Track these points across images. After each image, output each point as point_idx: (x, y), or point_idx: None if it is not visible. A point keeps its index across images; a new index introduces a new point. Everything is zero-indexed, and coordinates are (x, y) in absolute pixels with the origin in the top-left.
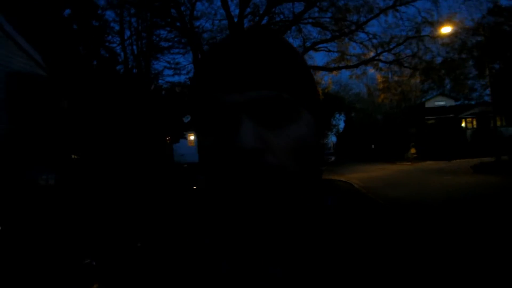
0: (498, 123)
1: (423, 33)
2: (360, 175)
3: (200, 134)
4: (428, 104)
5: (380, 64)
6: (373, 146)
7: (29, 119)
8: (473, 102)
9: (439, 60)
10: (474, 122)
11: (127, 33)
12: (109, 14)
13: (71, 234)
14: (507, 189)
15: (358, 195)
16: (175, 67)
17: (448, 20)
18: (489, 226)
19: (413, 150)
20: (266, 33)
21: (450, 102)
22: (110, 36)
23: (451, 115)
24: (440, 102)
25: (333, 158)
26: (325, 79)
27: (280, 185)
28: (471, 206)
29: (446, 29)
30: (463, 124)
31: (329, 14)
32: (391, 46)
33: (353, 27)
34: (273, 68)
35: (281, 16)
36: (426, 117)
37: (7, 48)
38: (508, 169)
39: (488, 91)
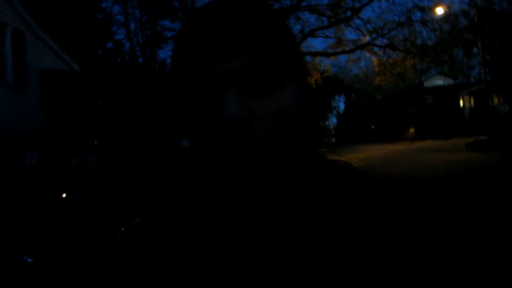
0: (496, 101)
1: (414, 18)
2: (360, 155)
3: (184, 104)
4: (427, 84)
5: (375, 48)
6: (373, 126)
7: (61, 109)
8: (472, 80)
9: (431, 43)
10: (472, 101)
11: (132, 25)
12: (114, 7)
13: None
14: (492, 164)
15: (354, 171)
16: None
17: (437, 5)
18: (467, 197)
19: (412, 130)
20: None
21: (449, 81)
22: (115, 27)
23: (449, 94)
24: (439, 81)
25: (334, 140)
26: (323, 64)
27: (267, 154)
28: (455, 180)
29: (439, 10)
30: (461, 103)
31: (325, 1)
32: (384, 31)
33: (349, 13)
34: (258, 37)
35: (280, 4)
36: (424, 97)
37: (40, 49)
38: (499, 146)
39: (487, 70)
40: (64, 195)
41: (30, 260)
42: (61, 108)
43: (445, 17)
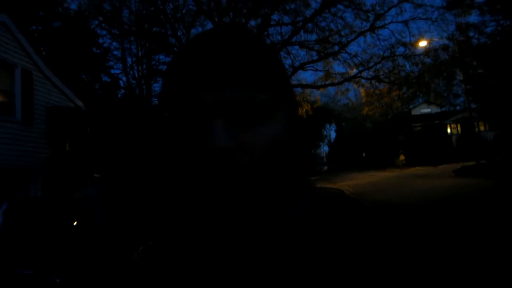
0: (482, 128)
1: (397, 52)
2: (352, 182)
3: (173, 135)
4: (415, 112)
5: (363, 80)
6: (364, 154)
7: (63, 143)
8: (458, 108)
9: (414, 74)
10: (459, 128)
11: (129, 59)
12: (110, 42)
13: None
14: (478, 189)
15: (345, 198)
16: None
17: (418, 41)
18: (455, 219)
19: (402, 157)
20: (242, 31)
21: (436, 109)
22: (112, 62)
23: (437, 122)
24: (426, 109)
25: (326, 168)
26: (313, 95)
27: (254, 184)
28: (443, 204)
29: (422, 43)
30: (448, 130)
31: (314, 37)
32: (370, 65)
33: (336, 48)
34: (248, 68)
35: (270, 39)
36: (413, 125)
37: (45, 87)
38: (486, 172)
39: (471, 98)
40: (75, 223)
41: (57, 280)
42: (64, 142)
43: (426, 51)
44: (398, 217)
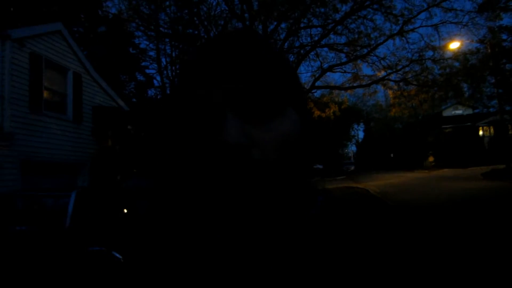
0: None
1: (427, 56)
2: (378, 182)
3: (185, 129)
4: (446, 113)
5: (390, 83)
6: (392, 155)
7: (106, 140)
8: (492, 110)
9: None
10: (492, 130)
11: (163, 59)
12: (147, 44)
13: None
14: (504, 192)
15: (368, 197)
16: None
17: (448, 44)
18: (479, 221)
19: (431, 159)
20: (252, 34)
21: (468, 111)
22: (147, 62)
23: (468, 124)
24: (458, 111)
25: (352, 168)
26: (341, 96)
27: (266, 178)
28: (468, 206)
29: (454, 44)
30: (480, 132)
31: (343, 39)
32: (398, 67)
33: (365, 51)
34: (259, 66)
35: (300, 41)
36: (443, 126)
37: (93, 88)
38: None
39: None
40: (125, 210)
41: (119, 256)
42: (107, 139)
43: (455, 55)
44: (418, 216)
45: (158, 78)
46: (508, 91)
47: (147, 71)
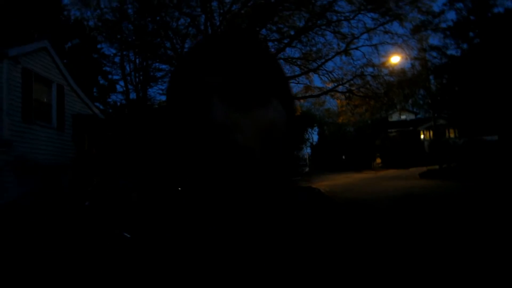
0: (452, 135)
1: (367, 72)
2: (328, 182)
3: (178, 110)
4: (391, 119)
5: (338, 94)
6: (343, 157)
7: (84, 145)
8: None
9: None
10: (431, 134)
11: (127, 66)
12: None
13: None
14: (435, 188)
15: (321, 196)
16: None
17: (386, 62)
18: (409, 212)
19: (378, 160)
20: (242, 33)
21: (411, 116)
22: (108, 68)
23: (411, 128)
24: (402, 116)
25: (307, 169)
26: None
27: (248, 163)
28: (402, 200)
29: (395, 58)
30: (421, 136)
31: (297, 54)
32: (344, 81)
33: (315, 65)
34: (247, 59)
35: None
36: (389, 130)
37: (72, 98)
38: (444, 174)
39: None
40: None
41: (128, 236)
42: (84, 143)
43: (390, 72)
44: (359, 211)
45: (122, 83)
46: (435, 102)
47: (110, 76)
